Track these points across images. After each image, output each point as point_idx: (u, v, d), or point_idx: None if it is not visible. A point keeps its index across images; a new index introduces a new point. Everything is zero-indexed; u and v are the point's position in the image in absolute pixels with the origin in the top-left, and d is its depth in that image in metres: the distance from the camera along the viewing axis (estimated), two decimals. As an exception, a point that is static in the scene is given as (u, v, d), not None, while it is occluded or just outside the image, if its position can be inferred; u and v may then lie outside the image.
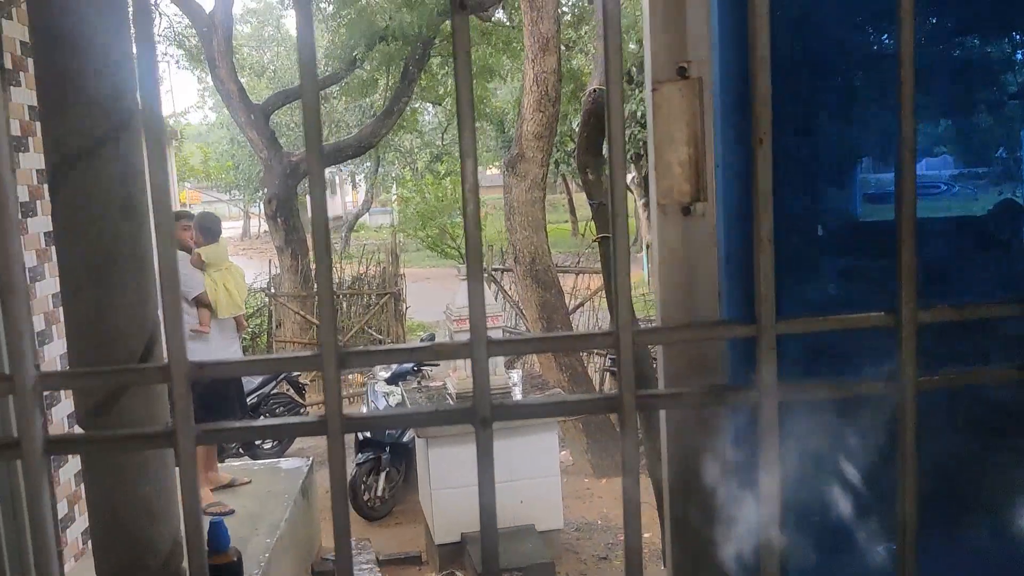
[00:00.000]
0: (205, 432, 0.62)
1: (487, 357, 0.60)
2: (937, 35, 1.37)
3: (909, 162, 0.59)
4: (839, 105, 1.31)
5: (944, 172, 1.43)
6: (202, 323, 5.59)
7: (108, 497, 1.13)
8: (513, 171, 7.93)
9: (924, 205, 1.43)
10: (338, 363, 0.60)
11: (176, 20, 17.10)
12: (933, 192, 1.43)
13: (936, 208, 1.43)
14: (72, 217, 0.96)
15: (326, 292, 0.59)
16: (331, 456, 0.62)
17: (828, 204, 1.34)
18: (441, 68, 15.07)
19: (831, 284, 1.32)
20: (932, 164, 1.42)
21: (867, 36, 1.38)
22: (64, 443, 0.60)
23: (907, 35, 0.58)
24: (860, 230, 1.36)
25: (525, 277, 8.04)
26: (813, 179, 1.30)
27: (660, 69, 0.69)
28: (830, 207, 1.33)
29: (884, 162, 1.39)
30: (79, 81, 0.90)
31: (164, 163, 0.62)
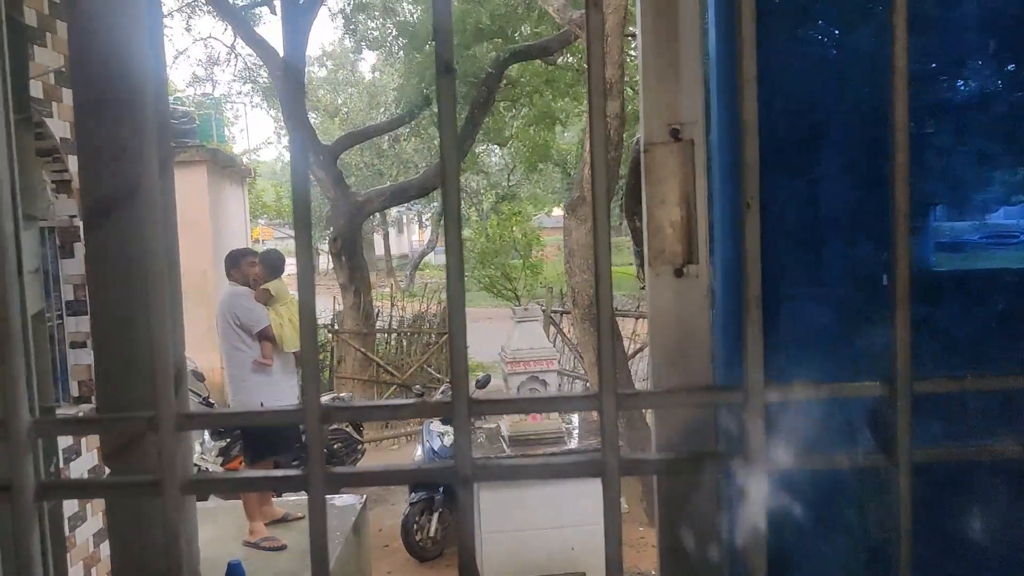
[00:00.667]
0: (192, 482, 0.63)
1: (469, 416, 0.60)
2: (1014, 83, 1.34)
3: (902, 229, 0.57)
4: (911, 153, 1.29)
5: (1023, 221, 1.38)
6: (265, 356, 5.71)
7: (129, 540, 1.15)
8: (574, 214, 7.95)
9: (1003, 255, 1.39)
10: (320, 419, 0.60)
11: (252, 61, 17.69)
12: (1011, 242, 1.38)
13: (1016, 259, 1.39)
14: (104, 263, 0.99)
15: (310, 349, 0.60)
16: (311, 510, 0.62)
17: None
18: (507, 111, 15.26)
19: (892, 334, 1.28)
20: (1011, 213, 1.38)
21: (939, 83, 1.36)
22: (55, 489, 0.62)
23: (901, 103, 0.57)
24: (933, 280, 1.33)
25: (583, 320, 8.01)
26: (882, 228, 1.27)
27: (652, 131, 0.69)
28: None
29: (958, 210, 1.36)
30: (114, 133, 0.93)
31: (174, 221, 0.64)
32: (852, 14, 1.30)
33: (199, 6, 15.80)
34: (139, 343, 1.07)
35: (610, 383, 0.58)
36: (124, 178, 0.98)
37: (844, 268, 1.26)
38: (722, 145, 0.84)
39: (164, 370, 0.61)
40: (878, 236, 1.27)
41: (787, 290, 1.21)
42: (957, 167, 1.29)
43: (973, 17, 1.34)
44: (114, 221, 0.97)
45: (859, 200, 1.24)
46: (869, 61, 1.24)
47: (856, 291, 1.26)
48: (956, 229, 1.35)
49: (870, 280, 1.24)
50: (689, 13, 0.68)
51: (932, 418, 1.11)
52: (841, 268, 1.26)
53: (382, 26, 15.52)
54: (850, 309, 1.25)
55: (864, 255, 1.25)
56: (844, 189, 1.25)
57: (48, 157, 4.48)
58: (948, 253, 1.34)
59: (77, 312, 4.79)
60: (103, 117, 1.00)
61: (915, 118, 1.29)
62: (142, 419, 0.64)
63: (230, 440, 7.61)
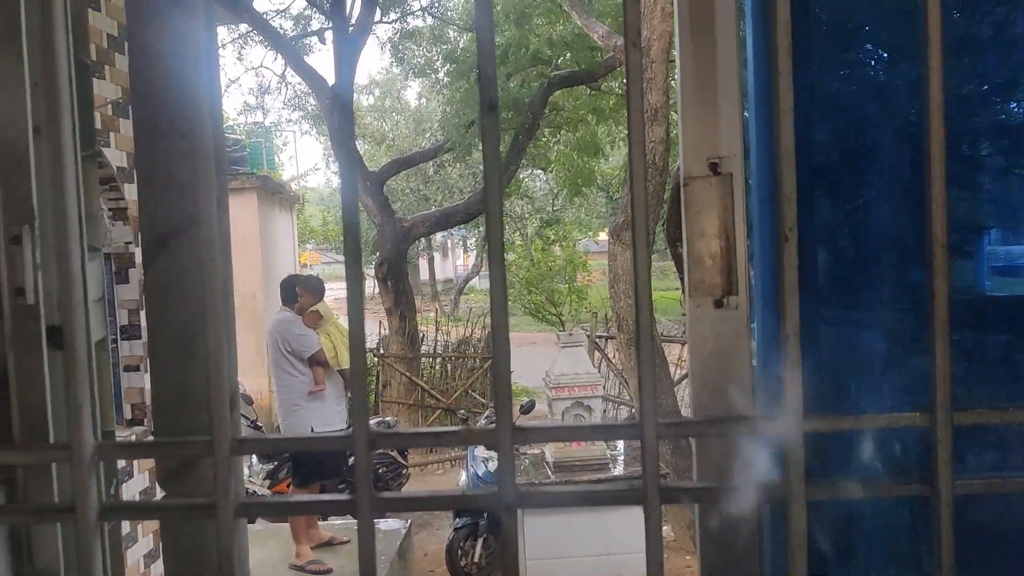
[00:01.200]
0: (244, 505, 0.65)
1: (512, 444, 0.62)
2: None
3: (940, 259, 0.58)
4: (965, 175, 1.28)
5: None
6: (317, 381, 5.78)
7: (184, 561, 1.18)
8: (618, 239, 7.93)
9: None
10: (368, 445, 0.62)
11: (301, 90, 18.03)
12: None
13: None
14: (162, 291, 1.03)
15: (360, 378, 0.62)
16: (360, 534, 0.64)
17: (952, 278, 1.29)
18: (552, 136, 15.33)
19: (953, 361, 1.26)
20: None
21: (992, 104, 1.35)
22: (116, 510, 0.64)
23: (937, 138, 0.57)
24: (987, 305, 1.31)
25: (628, 346, 7.96)
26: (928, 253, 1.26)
27: (692, 165, 0.70)
28: (954, 281, 1.29)
29: (1014, 233, 1.34)
30: (172, 166, 0.97)
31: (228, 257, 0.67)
32: (898, 37, 1.29)
33: (251, 36, 16.17)
34: (195, 370, 1.11)
35: (651, 413, 0.60)
36: (182, 209, 1.02)
37: (890, 293, 1.25)
38: (760, 176, 0.85)
39: (220, 397, 0.64)
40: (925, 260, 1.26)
41: (831, 315, 1.20)
42: (1012, 190, 1.28)
43: None
44: (172, 250, 1.01)
45: (906, 224, 1.23)
46: (915, 84, 1.23)
47: (902, 317, 1.25)
48: (1011, 253, 1.34)
49: (916, 306, 1.23)
50: (727, 47, 0.69)
51: (979, 447, 1.09)
52: (887, 293, 1.25)
53: (428, 53, 15.74)
54: (896, 335, 1.24)
55: (911, 280, 1.24)
56: (890, 213, 1.25)
57: (105, 186, 4.62)
58: (1003, 277, 1.32)
59: (131, 336, 4.90)
60: (162, 149, 1.04)
61: (968, 140, 1.28)
62: (199, 444, 0.67)
63: (277, 463, 7.69)
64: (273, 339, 5.82)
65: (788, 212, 0.59)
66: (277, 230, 13.59)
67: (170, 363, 1.09)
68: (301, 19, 15.14)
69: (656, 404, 0.62)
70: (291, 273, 7.76)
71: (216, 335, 0.65)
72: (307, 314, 5.91)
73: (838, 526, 0.82)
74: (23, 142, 0.72)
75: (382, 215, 12.18)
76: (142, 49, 1.22)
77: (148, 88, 1.18)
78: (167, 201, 1.11)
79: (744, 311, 0.71)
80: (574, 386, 5.47)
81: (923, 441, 1.12)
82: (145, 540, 4.65)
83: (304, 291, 6.01)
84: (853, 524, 0.84)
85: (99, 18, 4.46)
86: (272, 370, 5.90)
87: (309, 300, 6.00)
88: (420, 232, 13.24)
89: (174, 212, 1.05)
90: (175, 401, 1.00)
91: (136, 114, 1.15)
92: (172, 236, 1.00)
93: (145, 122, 1.18)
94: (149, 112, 1.17)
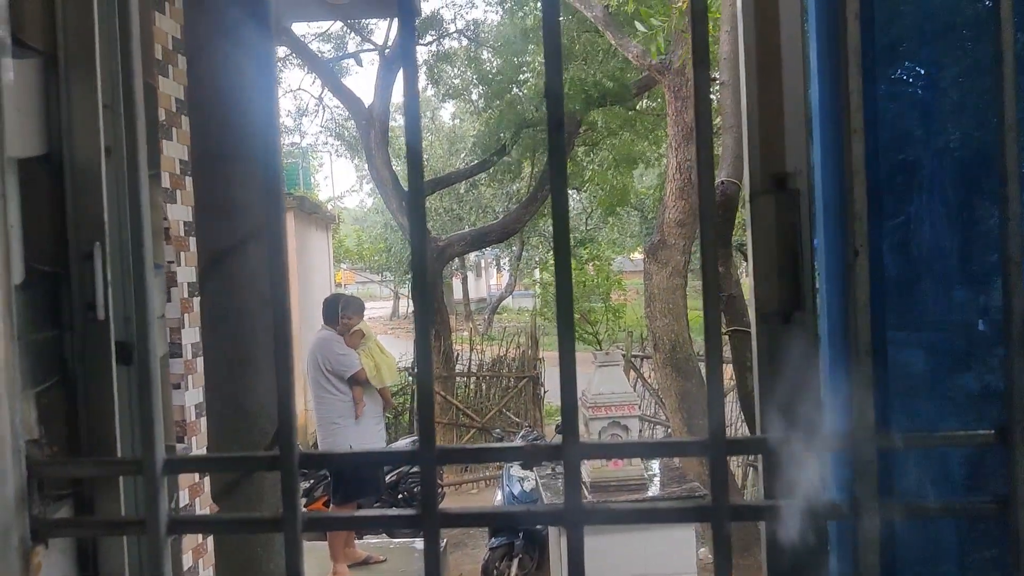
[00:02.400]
0: (311, 520, 0.66)
1: (579, 459, 0.61)
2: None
3: (1016, 279, 0.57)
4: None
5: None
6: (358, 401, 5.80)
7: (237, 572, 1.19)
8: (654, 258, 7.91)
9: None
10: (434, 459, 0.62)
11: (337, 112, 18.24)
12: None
13: None
14: (218, 309, 1.05)
15: (427, 398, 0.62)
16: (426, 547, 0.64)
17: (993, 298, 1.28)
18: (586, 156, 15.35)
19: (993, 380, 1.25)
20: None
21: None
22: (184, 524, 0.65)
23: (1012, 155, 0.57)
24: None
25: (665, 365, 7.92)
26: (977, 271, 1.25)
27: (757, 180, 0.70)
28: (995, 301, 1.27)
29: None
30: (229, 189, 0.99)
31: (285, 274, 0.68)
32: (943, 54, 1.29)
33: (289, 59, 16.41)
34: (248, 387, 1.12)
35: (719, 430, 0.59)
36: (239, 229, 1.04)
37: (940, 313, 1.23)
38: (826, 193, 0.84)
39: (287, 411, 0.65)
40: (974, 279, 1.25)
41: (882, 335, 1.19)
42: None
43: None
44: (228, 269, 1.03)
45: (953, 243, 1.22)
46: (960, 101, 1.22)
47: (953, 336, 1.23)
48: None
49: (966, 325, 1.21)
50: (792, 63, 0.69)
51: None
52: (937, 313, 1.23)
53: (463, 74, 15.85)
54: (946, 355, 1.22)
55: (960, 299, 1.23)
56: (938, 232, 1.23)
57: (152, 207, 4.69)
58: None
59: (173, 355, 4.96)
60: (219, 172, 1.07)
61: (1020, 160, 1.26)
62: (265, 459, 0.67)
63: (313, 481, 7.72)
64: (313, 358, 5.83)
65: (859, 228, 0.58)
66: (313, 250, 13.73)
67: (224, 381, 1.11)
68: (338, 41, 15.34)
69: (723, 421, 0.62)
70: (334, 292, 7.81)
71: (284, 349, 0.66)
72: (351, 334, 5.94)
73: (910, 546, 0.80)
74: (96, 161, 0.74)
75: (417, 234, 12.23)
76: (200, 76, 1.24)
77: (206, 115, 1.21)
78: (222, 225, 1.13)
79: (811, 328, 0.70)
80: (611, 405, 5.44)
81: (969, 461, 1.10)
82: (206, 574, 4.67)
83: (348, 310, 6.04)
84: (899, 544, 0.82)
85: (166, 83, 4.55)
86: (312, 389, 5.92)
87: (354, 320, 6.03)
88: (455, 251, 13.29)
89: (232, 231, 1.07)
90: (231, 417, 1.01)
91: (194, 140, 1.18)
92: (229, 252, 1.02)
93: (203, 147, 1.21)
94: (207, 137, 1.19)
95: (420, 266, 0.58)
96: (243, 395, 1.04)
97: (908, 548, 0.73)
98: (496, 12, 14.66)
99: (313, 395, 5.90)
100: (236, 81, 1.07)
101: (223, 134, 1.01)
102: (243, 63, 1.09)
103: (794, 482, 0.71)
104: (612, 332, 17.42)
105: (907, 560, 0.74)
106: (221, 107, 0.98)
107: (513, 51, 13.07)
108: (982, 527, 0.94)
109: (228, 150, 1.01)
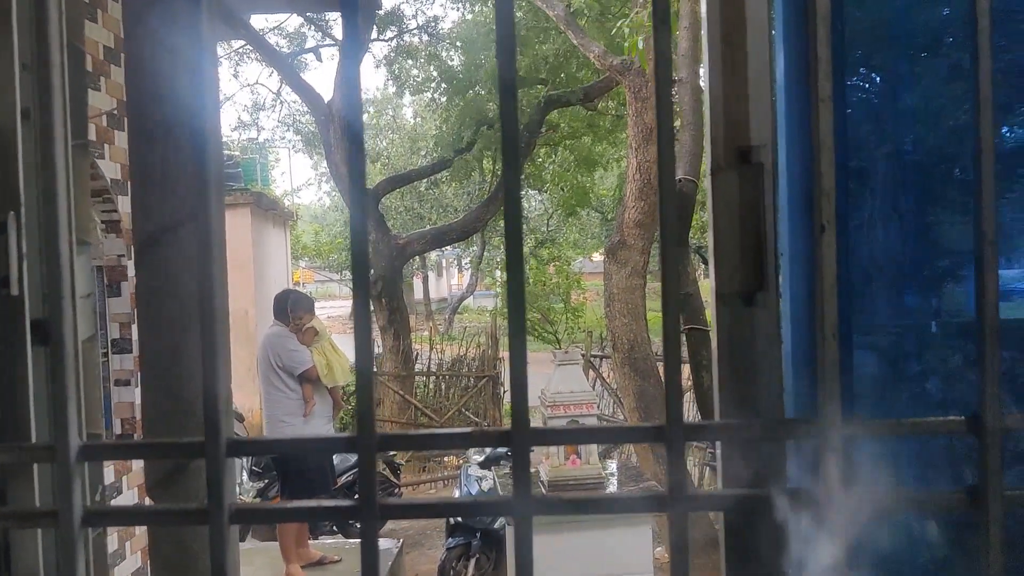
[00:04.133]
0: (239, 512, 0.61)
1: (528, 445, 0.58)
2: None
3: (991, 260, 0.54)
4: (958, 200, 1.26)
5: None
6: (308, 399, 5.69)
7: (172, 569, 1.14)
8: (614, 258, 7.92)
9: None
10: (374, 446, 0.58)
11: (296, 108, 18.05)
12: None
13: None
14: (153, 293, 0.99)
15: (366, 381, 0.58)
16: (364, 540, 0.60)
17: (945, 301, 1.27)
18: (547, 156, 15.35)
19: (943, 383, 1.24)
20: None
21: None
22: (101, 515, 0.60)
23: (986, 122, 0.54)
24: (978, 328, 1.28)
25: (623, 365, 7.93)
26: (929, 274, 1.24)
27: (720, 154, 0.66)
28: (946, 304, 1.27)
29: (1007, 258, 1.32)
30: (167, 168, 0.94)
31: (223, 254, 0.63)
32: (897, 63, 1.28)
33: (247, 53, 16.19)
34: (185, 373, 1.07)
35: (676, 415, 0.56)
36: (177, 209, 0.98)
37: (893, 316, 1.23)
38: (791, 170, 0.82)
39: (215, 395, 0.60)
40: (925, 283, 1.24)
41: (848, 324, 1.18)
42: (1004, 214, 1.26)
43: (1020, 64, 1.32)
44: (165, 249, 0.98)
45: (905, 246, 1.22)
46: (913, 108, 1.22)
47: (903, 340, 1.23)
48: (1004, 277, 1.31)
49: (917, 329, 1.21)
50: (757, 31, 0.66)
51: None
52: (887, 316, 1.23)
53: (425, 70, 15.77)
54: (897, 359, 1.22)
55: (912, 303, 1.22)
56: (890, 236, 1.23)
57: (99, 197, 4.57)
58: (998, 302, 1.30)
59: (122, 350, 4.84)
60: (158, 152, 1.01)
61: (961, 164, 1.26)
62: (192, 445, 0.62)
63: (268, 481, 7.61)
64: (264, 353, 5.70)
65: (826, 204, 0.55)
66: (270, 246, 13.55)
67: (160, 366, 1.05)
68: (297, 36, 15.18)
69: (682, 408, 0.58)
70: (286, 288, 7.69)
71: (211, 331, 0.61)
72: (305, 331, 5.82)
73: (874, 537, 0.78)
74: (11, 125, 0.69)
75: (377, 232, 12.15)
76: (138, 56, 1.19)
77: (144, 94, 1.15)
78: (161, 201, 1.07)
79: (774, 309, 0.67)
80: (569, 404, 5.42)
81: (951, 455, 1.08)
82: (134, 558, 4.57)
83: (297, 308, 5.92)
84: (890, 536, 0.80)
85: (95, 29, 4.43)
86: (262, 385, 5.79)
87: (305, 318, 5.92)
88: (415, 250, 13.21)
89: (167, 212, 1.02)
90: (165, 404, 0.95)
91: (131, 119, 1.12)
92: (165, 233, 0.96)
93: (141, 127, 1.15)
94: (145, 117, 1.14)
95: (360, 234, 0.53)
96: (179, 384, 0.99)
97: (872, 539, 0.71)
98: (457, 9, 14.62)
99: (267, 393, 5.77)
100: (175, 61, 1.02)
101: (162, 114, 0.96)
102: (182, 44, 1.04)
103: (754, 471, 0.68)
104: (571, 332, 17.46)
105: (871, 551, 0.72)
106: (159, 87, 0.93)
107: (474, 48, 13.04)
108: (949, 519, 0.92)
109: (167, 130, 0.95)
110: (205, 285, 0.62)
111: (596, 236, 23.67)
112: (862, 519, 0.58)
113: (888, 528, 0.74)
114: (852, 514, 0.56)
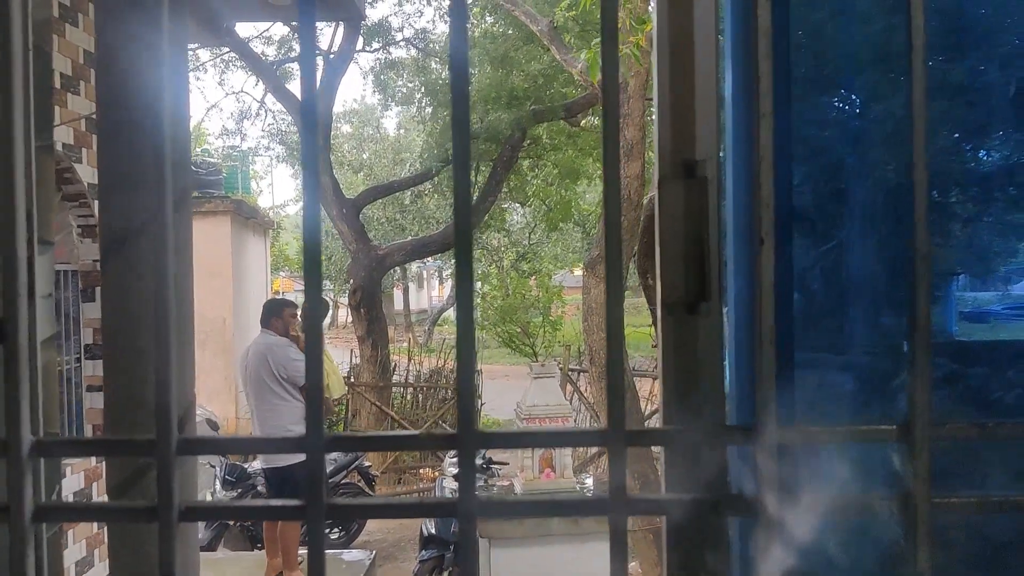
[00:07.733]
0: (189, 509, 0.62)
1: (475, 448, 0.59)
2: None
3: (923, 273, 0.56)
4: (935, 222, 1.29)
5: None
6: None
7: (130, 570, 1.13)
8: (593, 272, 7.96)
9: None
10: (323, 447, 0.59)
11: (280, 118, 18.02)
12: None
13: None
14: (118, 293, 0.99)
15: (316, 381, 0.59)
16: (310, 542, 0.60)
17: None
18: (530, 170, 15.40)
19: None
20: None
21: (963, 152, 1.36)
22: (53, 511, 0.61)
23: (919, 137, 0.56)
24: (955, 350, 1.31)
25: (600, 379, 7.95)
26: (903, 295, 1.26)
27: (667, 166, 0.68)
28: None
29: (982, 280, 1.34)
30: (133, 169, 0.94)
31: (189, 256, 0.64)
32: (874, 83, 1.30)
33: (232, 61, 16.16)
34: (148, 375, 1.07)
35: (619, 419, 0.57)
36: (142, 210, 0.99)
37: (866, 335, 1.24)
38: (737, 183, 0.84)
39: (166, 393, 0.61)
40: (901, 303, 1.26)
41: (806, 357, 1.19)
42: (981, 237, 1.28)
43: (998, 87, 1.34)
44: (130, 250, 0.98)
45: (881, 266, 1.24)
46: (890, 129, 1.24)
47: (878, 359, 1.24)
48: (980, 299, 1.34)
49: (893, 348, 1.23)
50: (705, 49, 0.68)
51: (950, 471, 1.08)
52: (863, 335, 1.24)
53: (410, 84, 15.81)
54: (872, 378, 1.23)
55: (887, 324, 1.24)
56: (865, 255, 1.25)
57: (75, 202, 4.55)
58: (971, 323, 1.32)
59: (95, 356, 4.81)
60: (124, 152, 1.02)
61: (939, 187, 1.28)
62: (143, 442, 0.63)
63: (241, 491, 7.55)
64: (264, 362, 5.45)
65: (766, 216, 0.57)
66: (250, 255, 13.49)
67: (124, 368, 1.05)
68: (283, 44, 15.18)
69: (624, 411, 0.60)
70: (275, 296, 7.61)
71: (164, 329, 0.62)
72: (301, 340, 5.71)
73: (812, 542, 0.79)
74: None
75: (357, 242, 12.14)
76: (108, 57, 1.19)
77: (112, 94, 1.15)
78: (127, 203, 1.08)
79: (718, 318, 0.69)
80: (545, 417, 5.43)
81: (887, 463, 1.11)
82: (78, 546, 4.52)
83: (293, 315, 5.75)
84: (828, 541, 0.81)
85: (75, 34, 4.42)
86: (260, 396, 5.49)
87: (297, 315, 5.81)
88: (395, 260, 13.21)
89: (133, 214, 1.02)
90: (127, 405, 0.96)
91: (100, 120, 1.13)
92: (130, 234, 0.97)
93: (108, 127, 1.16)
94: (113, 117, 1.14)
95: (312, 219, 0.55)
96: (141, 386, 0.99)
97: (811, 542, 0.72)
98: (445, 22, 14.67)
99: (263, 403, 5.48)
100: (144, 59, 1.03)
101: (129, 114, 0.96)
102: (151, 43, 1.05)
103: (696, 475, 0.69)
104: (550, 345, 17.48)
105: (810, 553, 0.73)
106: (126, 78, 0.93)
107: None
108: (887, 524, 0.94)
109: (133, 129, 0.96)
110: (160, 284, 0.63)
111: (577, 251, 23.74)
112: (799, 523, 0.59)
113: (828, 532, 0.76)
114: (789, 518, 0.58)
